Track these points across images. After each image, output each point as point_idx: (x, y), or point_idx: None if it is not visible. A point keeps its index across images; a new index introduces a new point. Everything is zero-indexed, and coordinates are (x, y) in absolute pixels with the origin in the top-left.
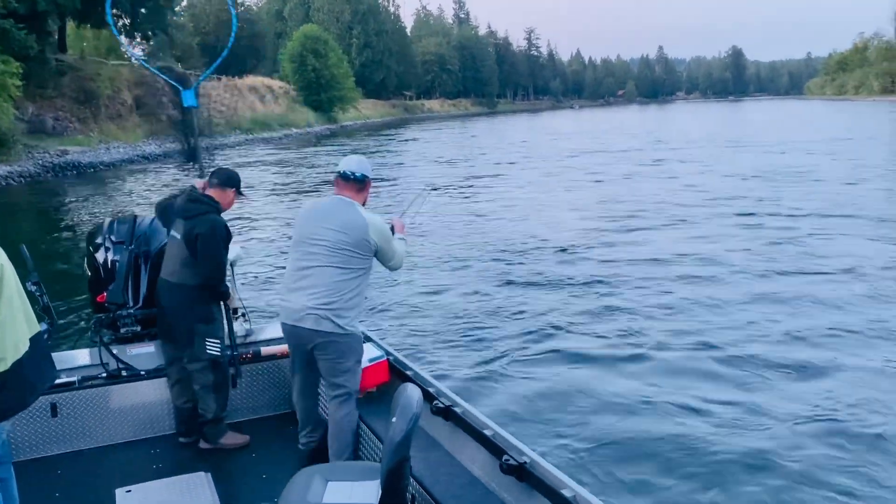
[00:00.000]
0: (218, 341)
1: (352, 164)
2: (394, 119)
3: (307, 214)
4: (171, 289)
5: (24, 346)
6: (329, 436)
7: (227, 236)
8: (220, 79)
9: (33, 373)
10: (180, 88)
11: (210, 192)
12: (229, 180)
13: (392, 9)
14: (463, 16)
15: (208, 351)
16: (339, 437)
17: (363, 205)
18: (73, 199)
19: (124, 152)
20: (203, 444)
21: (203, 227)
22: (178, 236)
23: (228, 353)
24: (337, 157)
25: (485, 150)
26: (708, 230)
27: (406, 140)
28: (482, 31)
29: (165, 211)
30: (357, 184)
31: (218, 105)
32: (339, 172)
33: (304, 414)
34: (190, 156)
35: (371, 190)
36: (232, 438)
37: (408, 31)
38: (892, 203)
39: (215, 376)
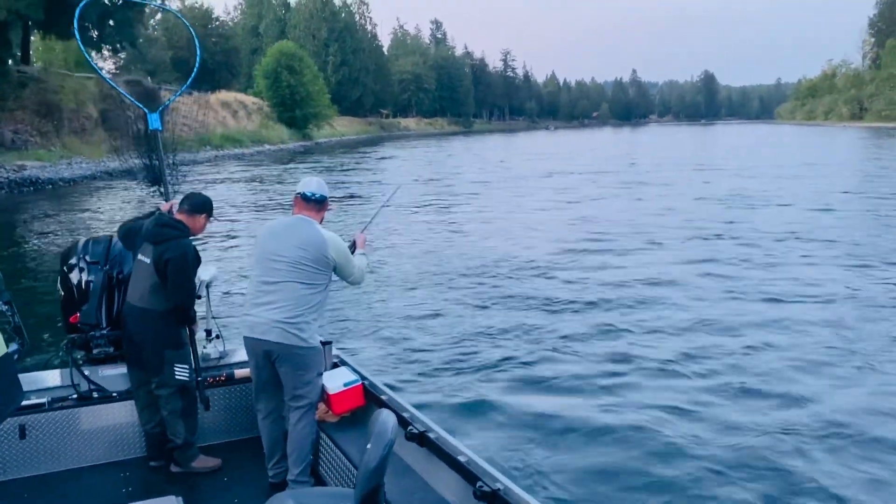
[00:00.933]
0: (187, 367)
1: (311, 185)
2: (369, 137)
3: (269, 233)
4: (139, 314)
5: None
6: (288, 445)
7: (197, 261)
8: (191, 94)
9: None
10: (146, 111)
11: (179, 216)
12: (202, 206)
13: (369, 27)
14: (440, 36)
15: (177, 377)
16: (299, 447)
17: (321, 222)
18: (26, 217)
19: (86, 168)
20: (174, 468)
21: (174, 252)
22: (147, 261)
23: (194, 377)
24: (309, 174)
25: (462, 170)
26: (678, 253)
27: (381, 158)
28: (459, 51)
29: (129, 233)
30: (316, 204)
31: (187, 120)
32: (299, 193)
33: (270, 443)
34: (154, 179)
35: (339, 207)
36: (203, 462)
37: (385, 49)
38: (866, 229)
39: (184, 401)
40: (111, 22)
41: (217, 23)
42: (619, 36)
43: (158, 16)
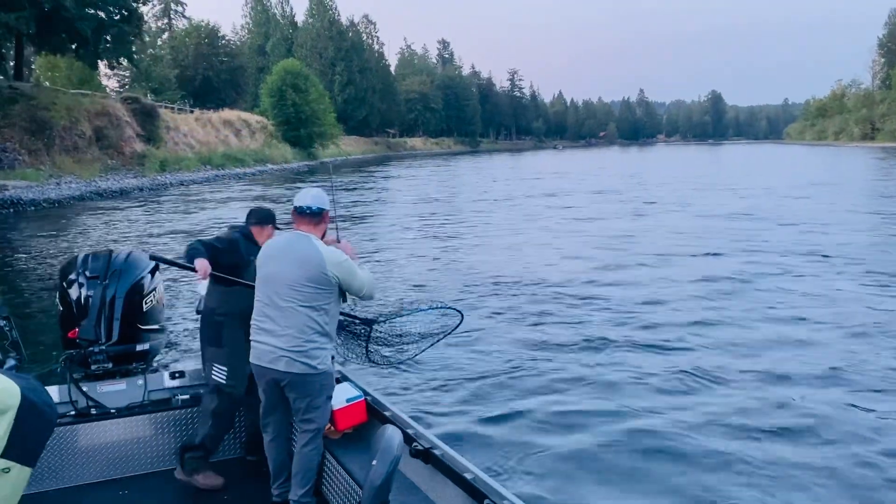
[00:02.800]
0: (226, 369)
1: (306, 198)
2: (376, 156)
3: (267, 253)
4: None
5: None
6: (294, 466)
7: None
8: (192, 111)
9: None
10: None
11: (252, 229)
12: (266, 218)
13: (376, 47)
14: (447, 55)
15: (214, 377)
16: (304, 469)
17: (322, 236)
18: None
19: (76, 188)
20: (177, 474)
21: None
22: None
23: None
24: (307, 187)
25: (472, 190)
26: (690, 271)
27: (387, 177)
28: (466, 71)
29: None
30: (313, 217)
31: (188, 139)
32: (295, 207)
33: (276, 464)
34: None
35: (343, 226)
36: (206, 478)
37: (392, 69)
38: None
39: (218, 404)
40: (107, 37)
41: (223, 41)
42: (627, 56)
43: (165, 35)
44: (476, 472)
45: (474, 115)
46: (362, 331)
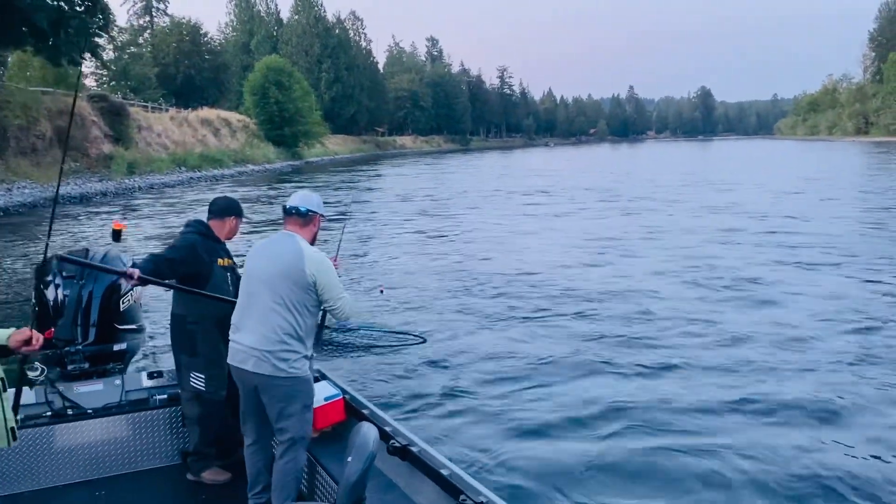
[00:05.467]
0: (203, 376)
1: (295, 199)
2: (364, 155)
3: (253, 251)
4: None
5: None
6: (273, 478)
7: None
8: (166, 110)
9: None
10: None
11: (210, 223)
12: (228, 209)
13: (364, 44)
14: (436, 53)
15: (191, 383)
16: (282, 484)
17: (312, 240)
18: None
19: (29, 194)
20: (188, 475)
21: None
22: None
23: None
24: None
25: (466, 189)
26: (685, 267)
27: (376, 176)
28: (455, 68)
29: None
30: (300, 218)
31: (162, 139)
32: (283, 207)
33: (254, 473)
34: None
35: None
36: (213, 474)
37: (380, 66)
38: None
39: (200, 409)
40: (66, 31)
41: (206, 38)
42: (616, 52)
43: (147, 33)
44: (452, 468)
45: (464, 113)
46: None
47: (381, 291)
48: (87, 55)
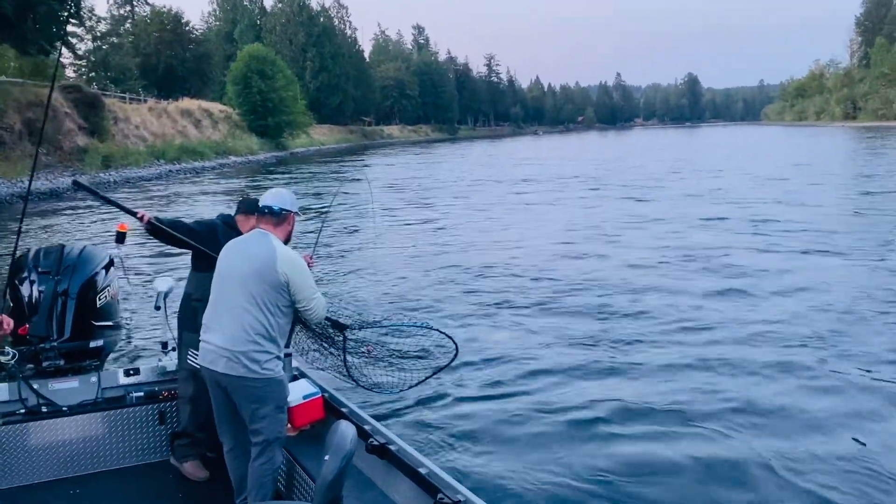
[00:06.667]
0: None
1: (268, 198)
2: (351, 146)
3: (225, 250)
4: None
5: None
6: (248, 481)
7: None
8: (145, 101)
9: None
10: None
11: (237, 217)
12: (253, 208)
13: (349, 32)
14: (422, 41)
15: (188, 360)
16: (257, 487)
17: (287, 239)
18: None
19: None
20: (171, 459)
21: None
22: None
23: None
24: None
25: (453, 179)
26: (673, 257)
27: (364, 166)
28: (442, 56)
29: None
30: (273, 217)
31: (140, 131)
32: (255, 206)
33: (236, 478)
34: None
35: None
36: (192, 468)
37: (366, 55)
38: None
39: (193, 388)
40: (35, 17)
41: (188, 28)
42: (603, 40)
43: (128, 24)
44: (431, 466)
45: (452, 102)
46: (336, 337)
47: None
48: (59, 44)
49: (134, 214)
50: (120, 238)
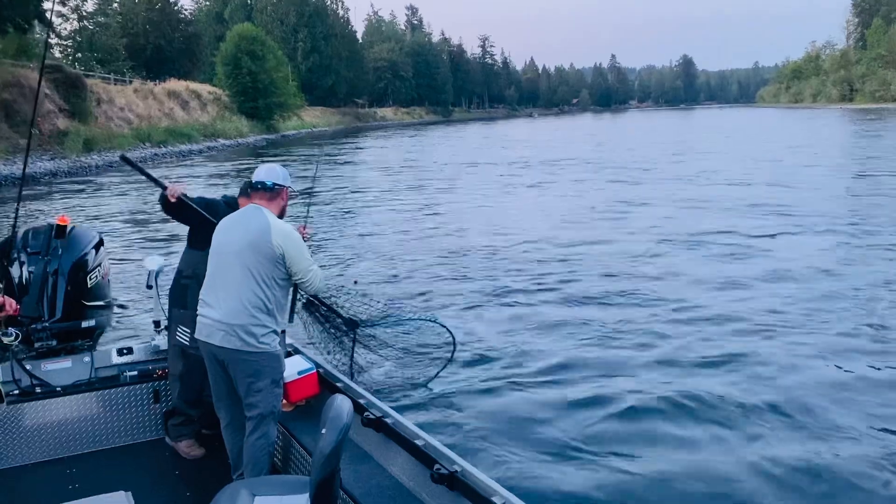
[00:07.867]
0: (189, 331)
1: (260, 173)
2: (344, 128)
3: (221, 225)
4: None
5: None
6: (244, 456)
7: None
8: (130, 82)
9: None
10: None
11: (239, 199)
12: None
13: (341, 12)
14: (416, 22)
15: (178, 337)
16: (253, 462)
17: (281, 214)
18: None
19: None
20: (167, 439)
21: None
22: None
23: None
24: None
25: (447, 161)
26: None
27: (357, 148)
28: (436, 37)
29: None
30: (266, 192)
31: (125, 113)
32: (248, 183)
33: (234, 453)
34: None
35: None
36: (187, 447)
37: (359, 36)
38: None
39: (182, 365)
40: None
41: (177, 7)
42: (598, 21)
43: (115, 3)
44: (427, 438)
45: (446, 84)
46: (347, 331)
47: (355, 283)
48: (47, 24)
49: (164, 188)
50: (59, 232)
